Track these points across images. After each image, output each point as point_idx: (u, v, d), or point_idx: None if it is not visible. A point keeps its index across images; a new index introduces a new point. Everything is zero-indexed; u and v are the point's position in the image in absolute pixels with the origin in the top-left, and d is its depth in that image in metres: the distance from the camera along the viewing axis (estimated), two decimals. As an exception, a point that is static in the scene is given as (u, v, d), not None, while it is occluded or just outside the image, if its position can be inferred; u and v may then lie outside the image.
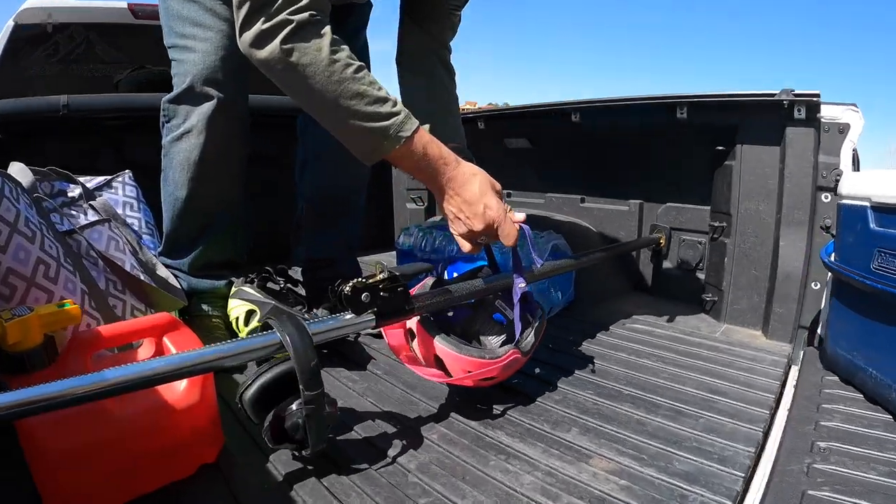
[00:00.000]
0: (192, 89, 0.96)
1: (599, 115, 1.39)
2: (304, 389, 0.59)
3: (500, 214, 0.77)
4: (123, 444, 0.60)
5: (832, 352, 0.96)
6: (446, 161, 0.76)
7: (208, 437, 0.69)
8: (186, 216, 1.05)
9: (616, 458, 0.71)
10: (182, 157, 1.00)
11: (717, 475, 0.68)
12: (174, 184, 1.02)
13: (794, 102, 1.08)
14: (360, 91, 0.71)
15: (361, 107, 0.71)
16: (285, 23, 0.68)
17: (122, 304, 0.89)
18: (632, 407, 0.84)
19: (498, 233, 0.77)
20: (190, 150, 0.99)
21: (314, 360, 0.60)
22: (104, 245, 0.92)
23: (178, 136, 0.99)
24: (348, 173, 1.21)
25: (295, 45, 0.68)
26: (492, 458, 0.71)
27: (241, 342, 0.62)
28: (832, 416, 0.83)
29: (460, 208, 0.77)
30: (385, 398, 0.88)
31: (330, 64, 0.69)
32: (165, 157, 1.03)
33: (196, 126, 0.97)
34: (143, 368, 0.55)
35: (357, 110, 0.71)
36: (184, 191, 1.02)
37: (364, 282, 0.70)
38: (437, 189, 0.78)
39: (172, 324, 0.72)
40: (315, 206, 1.23)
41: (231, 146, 1.03)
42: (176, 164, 1.01)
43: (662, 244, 1.40)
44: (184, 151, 0.99)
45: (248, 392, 0.66)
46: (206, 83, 0.95)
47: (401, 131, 0.72)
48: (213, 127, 0.98)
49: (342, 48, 0.72)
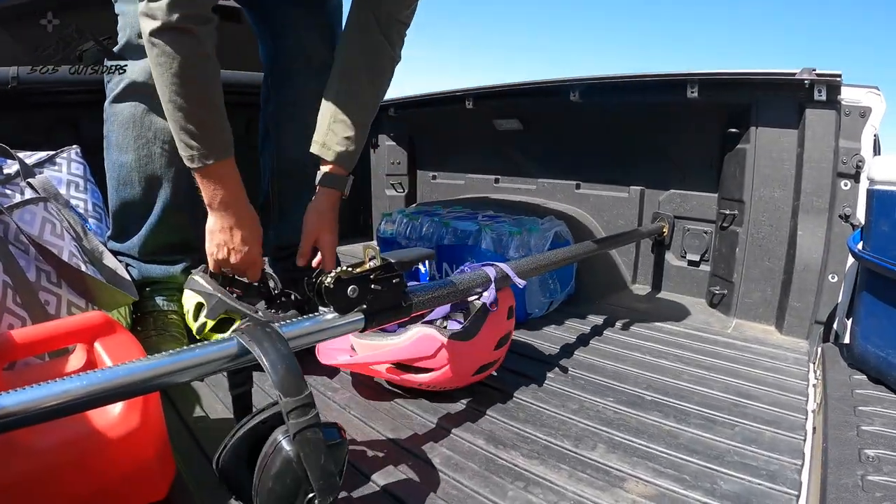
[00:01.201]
0: (136, 41, 0.82)
1: (602, 93, 1.29)
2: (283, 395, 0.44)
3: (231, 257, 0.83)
4: (40, 487, 0.47)
5: (861, 349, 0.88)
6: (226, 199, 0.80)
7: (155, 469, 0.55)
8: (133, 182, 0.90)
9: (654, 481, 0.60)
10: (126, 115, 0.87)
11: (770, 495, 0.59)
12: (118, 147, 0.89)
13: (815, 83, 1.00)
14: (182, 113, 0.72)
15: (181, 124, 0.73)
16: (162, 15, 0.67)
17: (56, 299, 0.73)
18: (660, 416, 0.74)
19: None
20: (134, 105, 0.86)
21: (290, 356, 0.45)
22: (37, 228, 0.76)
23: (119, 93, 0.86)
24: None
25: (158, 41, 0.68)
26: (509, 486, 0.59)
27: (193, 352, 0.47)
28: (872, 420, 0.75)
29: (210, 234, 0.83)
30: (373, 411, 0.76)
31: (175, 75, 0.70)
32: (107, 122, 0.89)
33: (139, 76, 0.84)
34: (63, 390, 0.40)
35: (178, 125, 0.73)
36: (129, 154, 0.88)
37: (350, 271, 0.56)
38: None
39: (106, 325, 0.57)
40: (278, 179, 1.10)
41: None
42: (118, 124, 0.87)
43: (665, 234, 1.30)
44: (128, 108, 0.86)
45: (224, 457, 0.48)
46: None
47: (193, 162, 0.75)
48: None
49: (196, 68, 0.72)
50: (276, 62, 1.05)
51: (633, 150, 1.38)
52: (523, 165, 1.60)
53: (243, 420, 0.48)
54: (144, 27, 0.68)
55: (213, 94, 0.75)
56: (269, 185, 1.11)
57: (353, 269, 0.57)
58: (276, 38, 1.04)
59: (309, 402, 0.44)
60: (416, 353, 0.73)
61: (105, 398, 0.42)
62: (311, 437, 0.44)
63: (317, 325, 0.56)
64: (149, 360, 0.45)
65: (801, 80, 1.01)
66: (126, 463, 0.51)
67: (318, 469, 0.44)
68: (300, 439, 0.43)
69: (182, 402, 0.76)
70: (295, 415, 0.43)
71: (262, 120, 1.11)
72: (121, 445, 0.50)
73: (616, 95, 1.29)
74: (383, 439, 0.69)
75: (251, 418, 0.47)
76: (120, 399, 0.45)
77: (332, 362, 0.77)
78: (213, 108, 0.75)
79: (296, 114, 1.04)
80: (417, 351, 0.73)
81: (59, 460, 0.48)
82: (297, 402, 0.44)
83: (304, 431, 0.43)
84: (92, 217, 0.96)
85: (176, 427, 0.69)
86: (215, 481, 0.57)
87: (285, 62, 1.04)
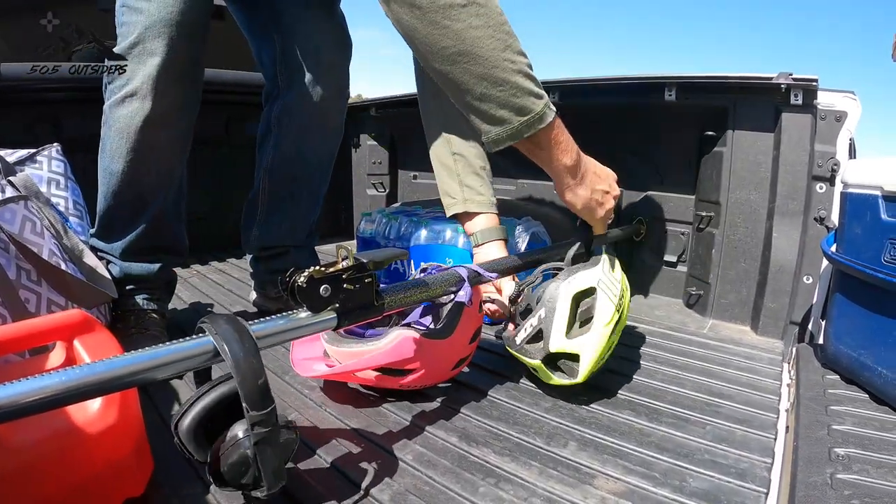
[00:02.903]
0: (140, 44, 0.81)
1: (581, 95, 1.30)
2: (250, 409, 0.46)
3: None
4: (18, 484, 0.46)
5: (834, 349, 0.90)
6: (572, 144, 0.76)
7: (132, 466, 0.54)
8: (122, 193, 0.90)
9: (624, 478, 0.61)
10: (122, 124, 0.86)
11: (738, 492, 0.59)
12: (111, 155, 0.88)
13: (791, 87, 1.02)
14: (520, 57, 0.67)
15: (517, 76, 0.67)
16: None
17: (36, 297, 0.74)
18: (632, 414, 0.75)
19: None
20: (132, 115, 0.85)
21: (260, 372, 0.46)
22: (17, 227, 0.76)
23: (119, 99, 0.85)
24: (315, 149, 1.08)
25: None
26: (480, 482, 0.59)
27: (169, 348, 0.48)
28: (843, 420, 0.76)
29: (598, 192, 0.82)
30: (348, 409, 0.75)
31: (501, 14, 0.65)
32: (104, 125, 0.88)
33: (141, 88, 0.83)
34: (41, 386, 0.40)
35: (513, 77, 0.67)
36: (121, 163, 0.87)
37: (323, 271, 0.56)
38: (569, 173, 0.77)
39: (85, 323, 0.57)
40: (274, 177, 1.09)
41: (179, 115, 0.89)
42: (115, 131, 0.86)
43: (643, 234, 1.31)
44: (124, 118, 0.85)
45: (184, 421, 0.51)
46: (156, 37, 0.81)
47: (545, 119, 0.70)
48: (160, 91, 0.84)
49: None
50: (287, 63, 1.05)
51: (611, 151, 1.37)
52: (502, 165, 1.61)
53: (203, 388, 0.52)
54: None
55: None
56: (261, 183, 1.10)
57: (326, 268, 0.57)
58: (285, 37, 1.03)
59: (272, 415, 0.48)
60: (398, 356, 0.72)
61: (84, 394, 0.42)
62: (270, 447, 0.48)
63: (290, 323, 0.56)
64: (127, 357, 0.45)
65: (777, 84, 1.02)
66: (104, 459, 0.51)
67: (271, 471, 0.49)
68: (260, 447, 0.47)
69: (160, 400, 0.76)
70: (258, 427, 0.47)
71: (265, 118, 1.10)
72: (99, 441, 0.50)
73: (595, 97, 1.30)
74: (358, 437, 0.68)
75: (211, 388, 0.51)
76: (99, 395, 0.45)
77: (312, 374, 0.76)
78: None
79: (301, 114, 1.05)
80: (399, 354, 0.72)
81: (37, 456, 0.47)
82: (261, 416, 0.47)
83: (263, 442, 0.47)
84: (73, 215, 0.96)
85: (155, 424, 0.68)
86: (192, 478, 0.58)
87: (296, 62, 1.04)
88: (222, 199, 1.74)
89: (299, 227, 1.11)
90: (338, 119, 1.10)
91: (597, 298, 0.75)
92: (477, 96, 0.68)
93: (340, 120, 1.11)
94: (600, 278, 0.76)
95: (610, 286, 0.77)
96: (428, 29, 0.64)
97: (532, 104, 0.69)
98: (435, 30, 0.64)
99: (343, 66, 1.08)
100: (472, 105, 0.70)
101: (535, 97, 0.69)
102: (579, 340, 0.74)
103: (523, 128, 0.70)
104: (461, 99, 0.70)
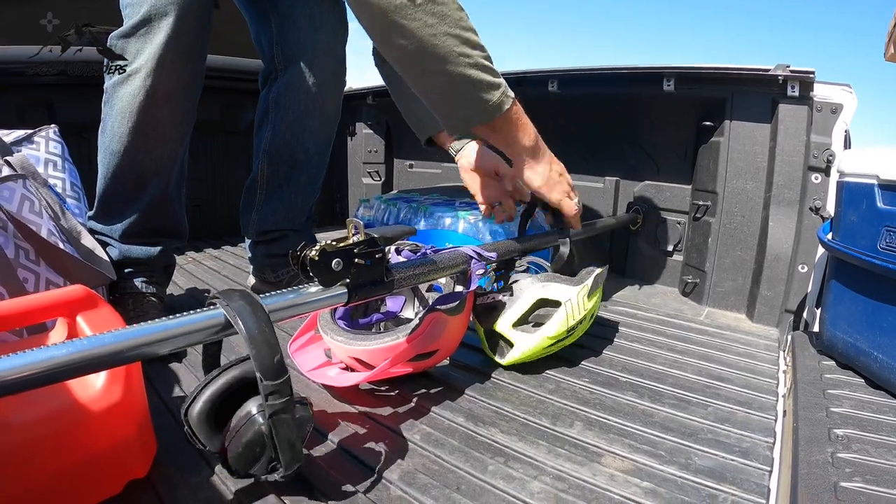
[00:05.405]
0: (148, 21, 0.80)
1: (579, 84, 1.30)
2: (264, 378, 0.44)
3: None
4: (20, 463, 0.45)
5: (830, 335, 0.91)
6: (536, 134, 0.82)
7: (136, 446, 0.53)
8: (123, 173, 0.89)
9: (631, 456, 0.61)
10: (125, 103, 0.84)
11: (743, 470, 0.60)
12: (111, 134, 0.86)
13: (789, 79, 1.03)
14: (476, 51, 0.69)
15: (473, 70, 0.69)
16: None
17: (34, 276, 0.72)
18: (635, 396, 0.75)
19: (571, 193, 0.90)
20: (134, 94, 0.83)
21: (274, 343, 0.46)
22: (15, 206, 0.74)
23: (123, 77, 0.83)
24: (312, 131, 1.07)
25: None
26: (489, 461, 0.59)
27: (177, 321, 0.46)
28: (841, 403, 0.77)
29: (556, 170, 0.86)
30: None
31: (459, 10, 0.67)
32: (106, 105, 0.87)
33: (145, 66, 0.82)
34: (44, 357, 0.39)
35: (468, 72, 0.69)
36: (121, 143, 0.86)
37: (335, 245, 0.56)
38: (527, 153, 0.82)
39: (88, 299, 0.55)
40: (272, 160, 1.08)
41: (182, 95, 0.88)
42: (117, 110, 0.85)
43: (640, 223, 1.33)
44: (127, 96, 0.84)
45: (194, 407, 0.49)
46: (164, 15, 0.80)
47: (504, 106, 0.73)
48: (165, 69, 0.83)
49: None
50: (285, 45, 1.04)
51: (609, 140, 1.39)
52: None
53: (213, 373, 0.50)
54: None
55: None
56: (259, 167, 1.09)
57: (337, 242, 0.57)
58: (284, 19, 1.03)
59: (287, 386, 0.46)
60: (431, 338, 0.72)
61: (89, 366, 0.41)
62: (285, 419, 0.46)
63: (300, 297, 0.55)
64: (137, 328, 0.44)
65: (774, 76, 1.04)
66: (108, 438, 0.50)
67: (288, 447, 0.47)
68: (275, 420, 0.46)
69: (161, 383, 0.75)
70: (273, 397, 0.46)
71: (263, 101, 1.09)
72: (103, 420, 0.49)
73: (594, 87, 1.30)
74: (365, 419, 0.68)
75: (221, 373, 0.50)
76: (107, 367, 0.43)
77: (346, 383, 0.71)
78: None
79: (298, 96, 1.04)
80: (432, 336, 0.72)
81: (39, 434, 0.46)
82: (276, 386, 0.46)
83: (279, 413, 0.46)
84: (70, 196, 0.94)
85: (156, 407, 0.67)
86: (196, 459, 0.57)
87: (296, 45, 1.03)
88: (217, 186, 1.72)
89: (298, 211, 1.10)
90: (335, 102, 1.10)
91: (556, 313, 0.80)
92: (434, 90, 0.72)
93: (337, 103, 1.10)
94: (571, 299, 0.81)
95: (575, 308, 0.81)
96: (384, 27, 0.66)
97: (488, 95, 0.71)
98: (391, 29, 0.66)
99: (340, 49, 1.07)
100: (429, 97, 0.74)
101: (492, 88, 0.71)
102: (520, 335, 0.79)
103: (479, 117, 0.73)
104: (418, 90, 0.74)
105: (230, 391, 0.50)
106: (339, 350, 0.71)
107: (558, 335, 0.80)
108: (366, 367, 0.70)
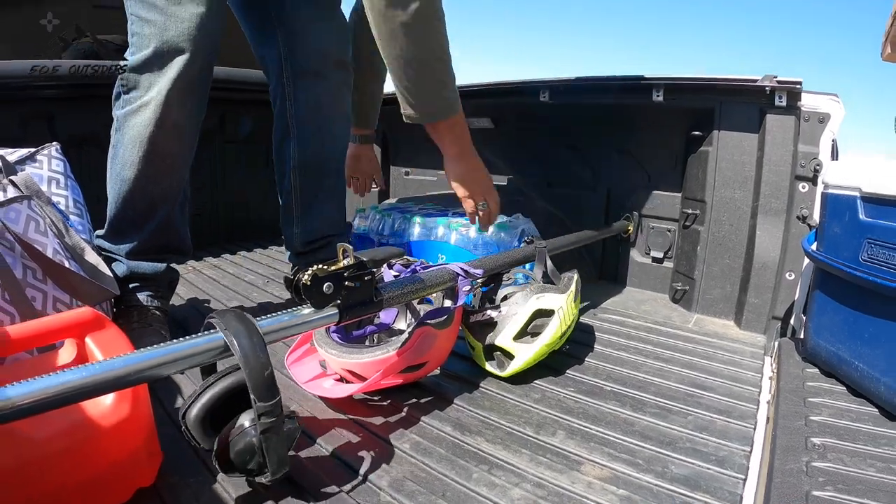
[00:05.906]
0: (161, 55, 0.83)
1: (571, 94, 1.32)
2: (257, 400, 0.49)
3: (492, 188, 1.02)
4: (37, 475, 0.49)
5: (814, 343, 0.93)
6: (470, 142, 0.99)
7: (143, 457, 0.57)
8: (133, 200, 0.92)
9: (609, 465, 0.64)
10: (135, 133, 0.88)
11: (717, 478, 0.63)
12: (123, 162, 0.90)
13: (776, 89, 1.05)
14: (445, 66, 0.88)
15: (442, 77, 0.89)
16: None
17: (42, 295, 0.75)
18: (617, 405, 0.78)
19: (491, 202, 1.01)
20: (145, 125, 0.87)
21: (267, 366, 0.49)
22: (22, 226, 0.77)
23: (135, 108, 0.87)
24: (336, 138, 1.14)
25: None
26: (473, 469, 0.62)
27: (179, 346, 0.51)
28: (821, 411, 0.79)
29: (475, 175, 1.00)
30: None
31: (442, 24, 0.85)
32: (117, 133, 0.90)
33: (155, 99, 0.85)
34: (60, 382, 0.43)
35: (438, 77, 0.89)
36: (133, 170, 0.90)
37: (326, 269, 0.59)
38: (458, 153, 0.97)
39: (96, 321, 0.59)
40: (305, 174, 1.13)
41: (189, 123, 0.92)
42: (128, 139, 0.88)
43: (630, 231, 1.35)
44: (138, 126, 0.87)
45: (192, 410, 0.54)
46: (178, 52, 0.84)
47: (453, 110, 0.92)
48: (175, 101, 0.86)
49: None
50: (294, 59, 1.08)
51: (600, 149, 1.42)
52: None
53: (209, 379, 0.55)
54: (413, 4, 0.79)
55: None
56: (291, 182, 1.14)
57: (328, 266, 0.60)
58: (291, 33, 1.07)
59: (278, 407, 0.51)
60: (420, 351, 0.75)
61: (101, 389, 0.45)
62: (275, 436, 0.51)
63: (294, 318, 0.59)
64: (141, 353, 0.48)
65: (762, 86, 1.06)
66: (117, 450, 0.54)
67: (276, 458, 0.52)
68: (266, 435, 0.51)
69: (165, 394, 0.78)
70: (265, 416, 0.50)
71: (281, 119, 1.13)
72: (112, 434, 0.52)
73: (585, 97, 1.33)
74: (356, 426, 0.71)
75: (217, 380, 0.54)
76: (115, 390, 0.48)
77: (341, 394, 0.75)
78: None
79: (321, 109, 1.10)
80: (421, 349, 0.75)
81: (55, 448, 0.50)
82: (268, 406, 0.50)
83: (270, 430, 0.51)
84: (73, 213, 0.96)
85: (161, 418, 0.71)
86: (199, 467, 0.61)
87: (307, 58, 1.07)
88: (216, 195, 1.75)
89: (339, 215, 1.18)
90: (348, 105, 1.16)
91: (551, 321, 0.85)
92: (407, 85, 0.88)
93: (350, 104, 1.17)
94: (562, 306, 0.87)
95: (567, 314, 0.87)
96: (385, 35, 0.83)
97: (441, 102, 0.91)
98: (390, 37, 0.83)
99: (347, 56, 1.13)
100: (400, 89, 0.90)
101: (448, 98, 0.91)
102: (521, 346, 0.83)
103: (429, 117, 0.92)
104: (394, 81, 0.90)
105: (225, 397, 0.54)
106: (333, 362, 0.74)
107: (553, 340, 0.85)
108: (359, 378, 0.73)
